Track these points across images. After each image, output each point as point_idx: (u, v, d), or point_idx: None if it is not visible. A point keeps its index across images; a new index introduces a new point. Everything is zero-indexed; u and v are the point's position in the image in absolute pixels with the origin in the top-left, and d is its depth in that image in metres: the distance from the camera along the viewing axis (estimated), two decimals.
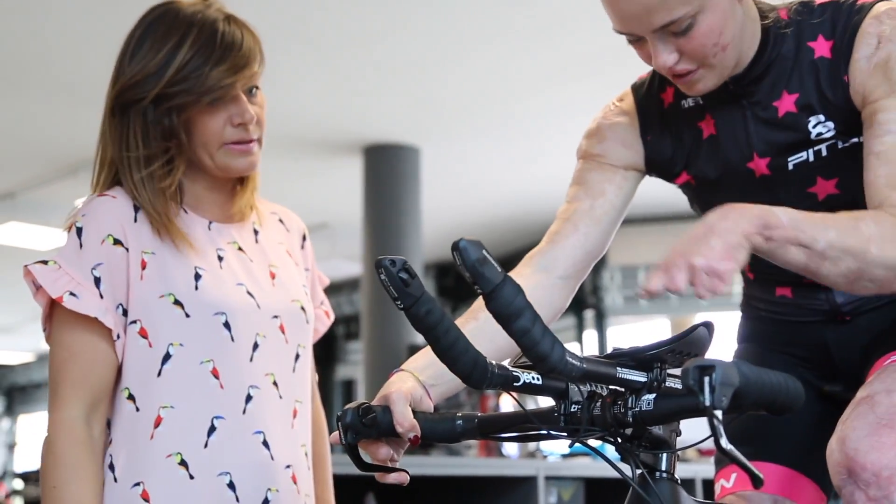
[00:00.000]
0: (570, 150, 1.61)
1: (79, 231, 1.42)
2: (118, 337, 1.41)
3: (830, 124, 1.37)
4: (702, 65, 1.34)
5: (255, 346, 1.46)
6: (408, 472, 1.25)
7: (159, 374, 1.40)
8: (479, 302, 1.22)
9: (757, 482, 0.98)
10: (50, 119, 6.51)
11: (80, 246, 1.41)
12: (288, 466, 1.46)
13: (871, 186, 1.27)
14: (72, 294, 1.37)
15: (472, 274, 0.95)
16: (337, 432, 1.25)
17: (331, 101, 6.39)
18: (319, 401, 1.65)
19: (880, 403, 1.27)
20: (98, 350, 1.39)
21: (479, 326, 1.33)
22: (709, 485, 3.53)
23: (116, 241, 1.42)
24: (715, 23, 1.30)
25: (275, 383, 1.47)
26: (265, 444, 1.43)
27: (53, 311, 1.41)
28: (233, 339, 1.43)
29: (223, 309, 1.43)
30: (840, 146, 1.38)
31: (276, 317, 1.49)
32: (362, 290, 7.30)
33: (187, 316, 1.42)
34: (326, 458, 1.63)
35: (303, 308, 1.54)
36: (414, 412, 1.24)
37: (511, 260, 1.51)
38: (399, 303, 1.03)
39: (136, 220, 1.44)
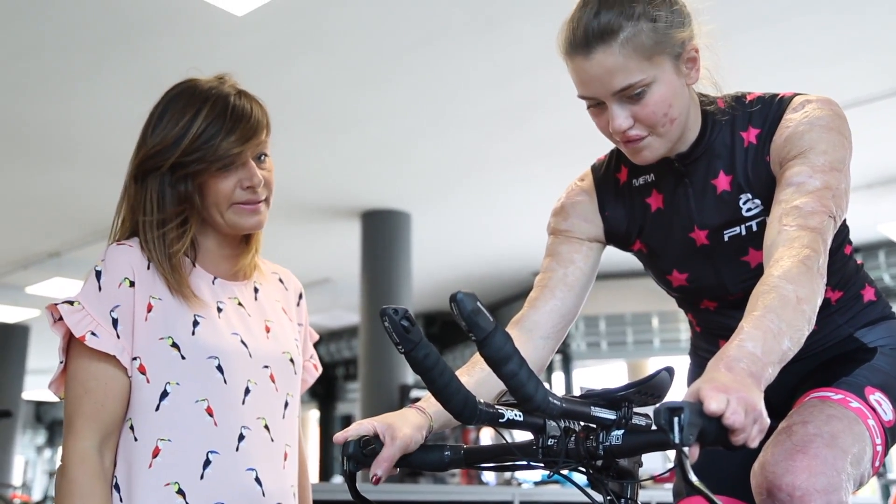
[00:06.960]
0: (537, 216, 1.60)
1: (98, 274, 1.37)
2: (130, 374, 1.35)
3: (758, 201, 1.38)
4: (651, 132, 1.34)
5: (247, 391, 1.39)
6: None
7: (157, 408, 1.33)
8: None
9: None
10: (90, 190, 6.49)
11: (100, 289, 1.35)
12: None
13: (770, 225, 1.27)
14: (93, 333, 1.32)
15: (468, 323, 0.93)
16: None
17: (334, 173, 6.41)
18: (304, 442, 1.58)
19: (796, 433, 1.25)
20: (111, 386, 1.33)
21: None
22: None
23: (131, 284, 1.36)
24: (666, 95, 1.31)
25: (266, 427, 1.40)
26: (257, 480, 1.36)
27: (71, 345, 1.35)
28: (225, 382, 1.36)
29: (216, 353, 1.36)
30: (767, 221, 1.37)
31: (266, 366, 1.42)
32: (360, 337, 7.24)
33: (183, 358, 1.35)
34: (308, 491, 1.57)
35: (292, 360, 1.47)
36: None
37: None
38: (400, 347, 1.00)
39: (148, 268, 1.39)
